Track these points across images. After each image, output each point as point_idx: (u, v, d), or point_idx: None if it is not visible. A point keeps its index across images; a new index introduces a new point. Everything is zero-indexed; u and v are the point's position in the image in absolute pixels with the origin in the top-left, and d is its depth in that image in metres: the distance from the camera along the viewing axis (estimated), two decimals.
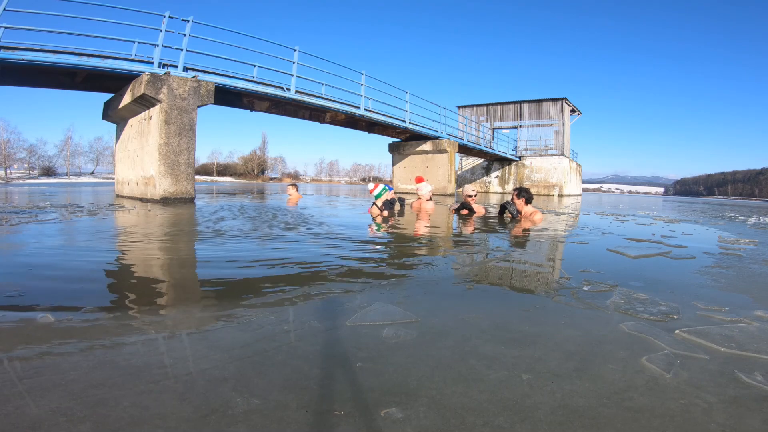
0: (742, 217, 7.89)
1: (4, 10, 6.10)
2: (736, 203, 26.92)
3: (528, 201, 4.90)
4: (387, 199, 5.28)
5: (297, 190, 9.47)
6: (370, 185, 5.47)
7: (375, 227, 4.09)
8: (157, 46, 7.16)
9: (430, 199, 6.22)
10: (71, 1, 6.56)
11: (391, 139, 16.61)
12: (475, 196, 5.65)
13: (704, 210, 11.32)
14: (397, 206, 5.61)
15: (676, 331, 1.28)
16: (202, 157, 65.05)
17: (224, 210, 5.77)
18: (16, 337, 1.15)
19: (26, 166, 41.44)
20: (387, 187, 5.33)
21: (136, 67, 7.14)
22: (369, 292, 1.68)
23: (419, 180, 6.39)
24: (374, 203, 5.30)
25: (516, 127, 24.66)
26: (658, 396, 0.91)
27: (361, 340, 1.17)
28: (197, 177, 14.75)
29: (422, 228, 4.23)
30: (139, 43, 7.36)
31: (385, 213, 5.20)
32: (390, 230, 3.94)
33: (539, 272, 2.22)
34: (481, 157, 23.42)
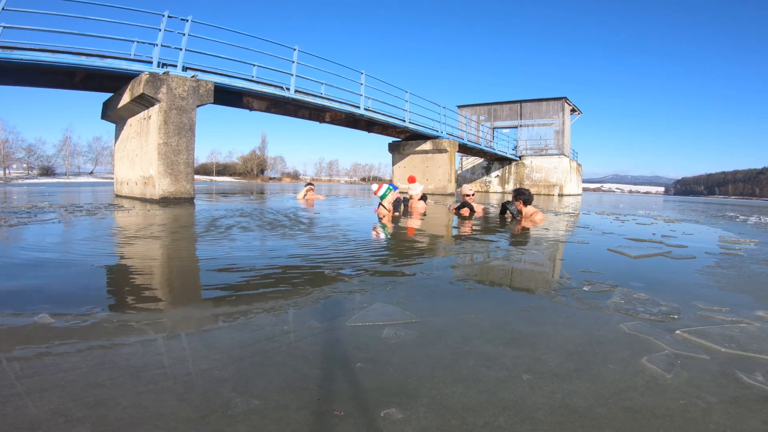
0: (743, 217, 7.89)
1: (3, 9, 6.09)
2: (736, 203, 26.91)
3: (526, 202, 4.89)
4: (396, 199, 5.28)
5: (314, 190, 9.16)
6: (374, 186, 5.49)
7: (379, 228, 4.08)
8: (156, 45, 7.15)
9: (422, 198, 6.27)
10: (70, 1, 6.55)
11: (391, 139, 16.61)
12: (473, 195, 5.66)
13: (705, 209, 11.32)
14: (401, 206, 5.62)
15: (677, 332, 1.28)
16: (201, 156, 65.14)
17: (233, 217, 5.76)
18: (15, 337, 1.14)
19: (25, 165, 41.39)
20: (392, 187, 5.30)
21: (135, 66, 7.13)
22: (369, 292, 1.67)
23: (412, 180, 6.47)
24: (381, 204, 5.30)
25: (516, 127, 24.64)
26: (659, 396, 0.91)
27: (361, 341, 1.17)
28: (196, 177, 14.71)
29: (423, 228, 4.22)
30: (138, 42, 7.35)
31: (396, 213, 5.21)
32: (392, 230, 3.94)
33: (539, 272, 2.21)
34: (482, 157, 23.40)
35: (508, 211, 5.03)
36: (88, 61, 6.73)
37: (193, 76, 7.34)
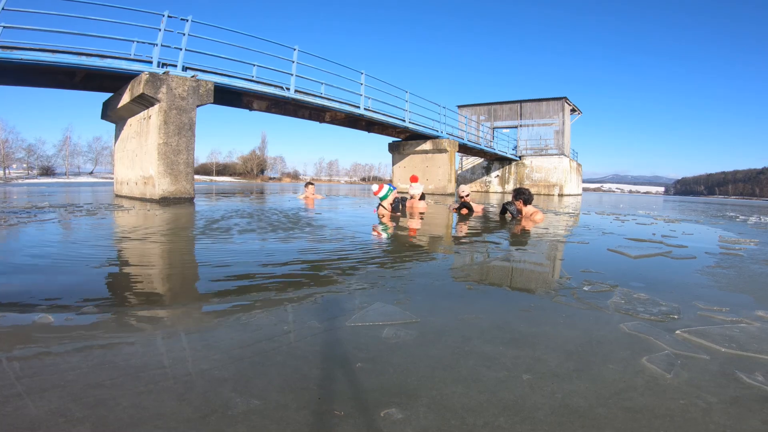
0: (743, 217, 7.89)
1: (3, 9, 6.09)
2: (736, 203, 26.90)
3: (526, 202, 4.89)
4: (395, 199, 5.30)
5: (314, 190, 9.12)
6: (374, 187, 5.49)
7: (380, 229, 4.08)
8: (156, 45, 7.15)
9: (421, 198, 6.28)
10: (70, 1, 6.55)
11: (391, 139, 16.61)
12: (468, 196, 5.66)
13: (705, 209, 11.32)
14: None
15: (677, 332, 1.28)
16: (201, 156, 65.11)
17: (233, 217, 5.76)
18: (15, 337, 1.14)
19: (25, 165, 41.38)
20: (392, 188, 5.33)
21: (135, 66, 7.13)
22: (369, 292, 1.67)
23: (414, 179, 6.47)
24: (381, 204, 5.31)
25: (516, 127, 24.64)
26: (659, 396, 0.91)
27: (361, 341, 1.17)
28: (196, 177, 14.68)
29: (423, 228, 4.23)
30: (138, 42, 7.34)
31: (397, 214, 5.22)
32: (393, 231, 3.94)
33: (539, 272, 2.21)
34: (482, 157, 23.40)
35: (508, 212, 5.03)
36: (88, 61, 6.73)
37: (193, 76, 7.34)
